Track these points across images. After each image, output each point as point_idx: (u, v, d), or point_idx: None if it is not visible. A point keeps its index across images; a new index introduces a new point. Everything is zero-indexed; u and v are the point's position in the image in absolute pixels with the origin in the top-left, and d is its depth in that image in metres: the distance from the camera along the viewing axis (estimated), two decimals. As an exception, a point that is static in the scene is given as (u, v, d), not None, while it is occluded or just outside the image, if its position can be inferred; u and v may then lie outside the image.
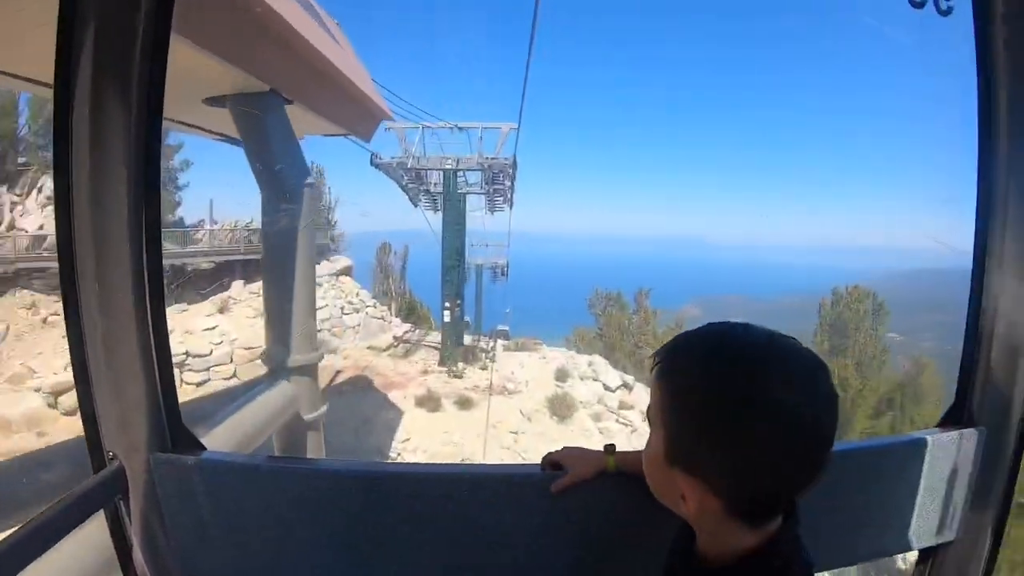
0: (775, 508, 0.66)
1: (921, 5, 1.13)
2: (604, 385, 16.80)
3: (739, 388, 0.61)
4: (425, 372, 16.80)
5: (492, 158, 18.05)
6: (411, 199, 21.05)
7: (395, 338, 19.26)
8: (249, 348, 14.58)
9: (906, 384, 18.68)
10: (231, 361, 14.91)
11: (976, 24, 1.17)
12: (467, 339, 19.50)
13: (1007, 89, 1.16)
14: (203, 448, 1.21)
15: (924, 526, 1.23)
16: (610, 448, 1.09)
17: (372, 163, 17.49)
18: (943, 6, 1.14)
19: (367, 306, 19.75)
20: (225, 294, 16.96)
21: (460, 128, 18.41)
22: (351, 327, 18.45)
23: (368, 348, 17.99)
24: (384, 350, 18.16)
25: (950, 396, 1.30)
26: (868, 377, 18.98)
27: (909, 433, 1.27)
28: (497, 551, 1.11)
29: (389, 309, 21.74)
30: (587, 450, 1.12)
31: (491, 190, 20.01)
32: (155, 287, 1.12)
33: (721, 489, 0.63)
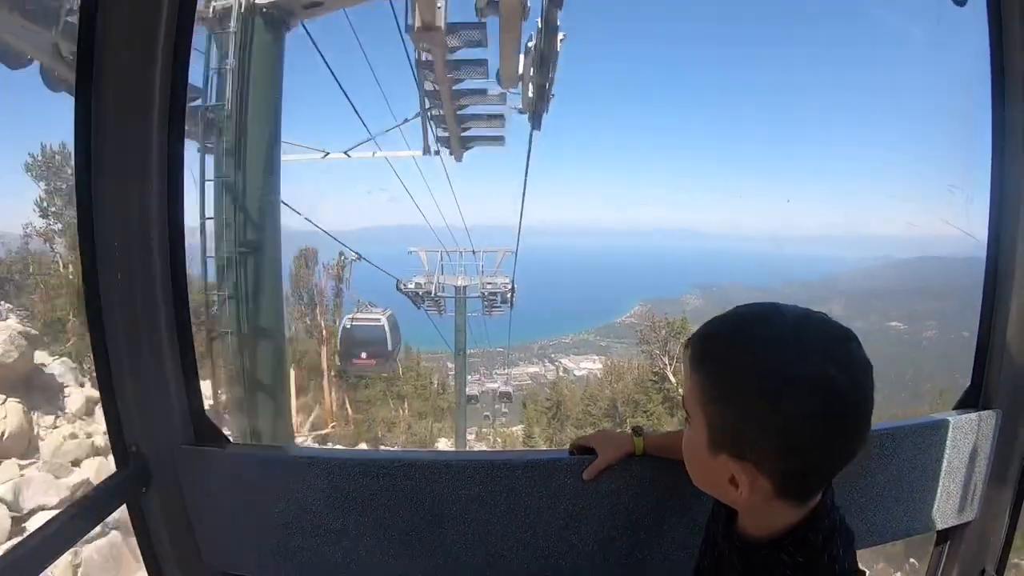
0: (824, 482, 0.67)
1: None
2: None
3: (777, 366, 0.60)
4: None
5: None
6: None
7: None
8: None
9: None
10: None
11: (990, 14, 1.19)
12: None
13: (1021, 77, 1.18)
14: (228, 441, 1.20)
15: (944, 507, 1.25)
16: (638, 430, 1.10)
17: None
18: (959, -5, 1.16)
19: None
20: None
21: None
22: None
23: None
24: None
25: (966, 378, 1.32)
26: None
27: (927, 416, 1.28)
28: (528, 535, 1.11)
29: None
30: (615, 433, 1.15)
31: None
32: (178, 278, 1.11)
33: (772, 469, 0.63)
